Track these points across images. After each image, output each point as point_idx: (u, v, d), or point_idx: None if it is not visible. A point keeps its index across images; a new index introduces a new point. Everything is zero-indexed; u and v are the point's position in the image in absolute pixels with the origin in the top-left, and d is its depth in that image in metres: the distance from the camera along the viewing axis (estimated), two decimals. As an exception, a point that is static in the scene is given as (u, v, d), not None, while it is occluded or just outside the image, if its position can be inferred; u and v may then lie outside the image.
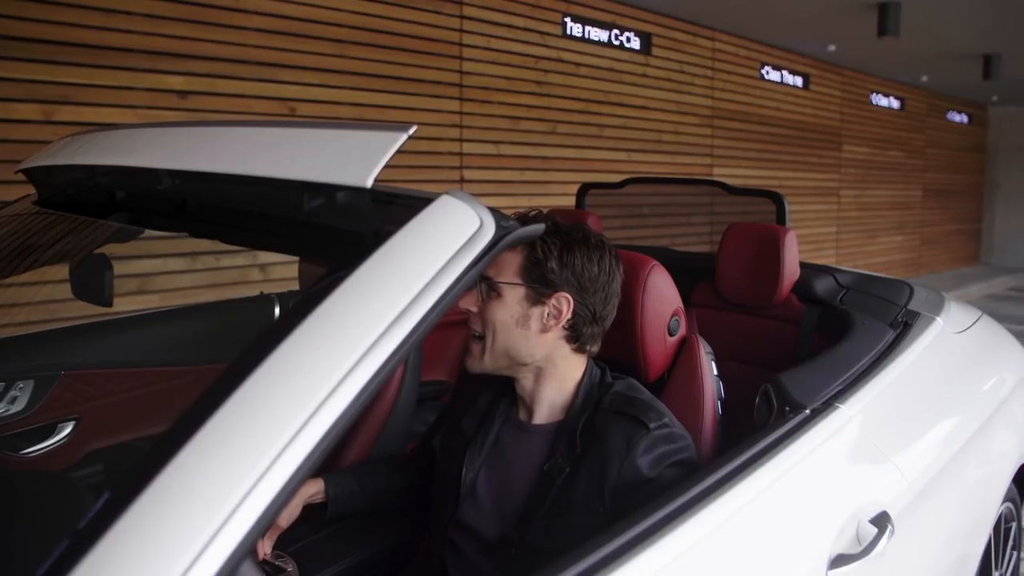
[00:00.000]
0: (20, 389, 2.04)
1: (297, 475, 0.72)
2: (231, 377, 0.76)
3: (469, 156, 5.92)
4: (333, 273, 0.89)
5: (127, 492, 0.67)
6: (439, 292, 0.92)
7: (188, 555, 0.65)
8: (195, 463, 0.70)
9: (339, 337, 0.83)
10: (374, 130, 1.09)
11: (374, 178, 0.99)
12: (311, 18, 4.91)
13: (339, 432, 0.75)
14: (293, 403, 0.76)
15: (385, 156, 1.01)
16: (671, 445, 1.41)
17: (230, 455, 0.71)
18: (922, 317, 2.18)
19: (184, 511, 0.68)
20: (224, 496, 0.70)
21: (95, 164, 1.35)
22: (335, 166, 1.03)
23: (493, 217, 1.09)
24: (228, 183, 1.11)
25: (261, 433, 0.72)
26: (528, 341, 1.47)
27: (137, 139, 1.44)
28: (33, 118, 3.90)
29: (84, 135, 1.52)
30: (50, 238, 1.48)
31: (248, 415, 0.74)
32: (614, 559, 0.98)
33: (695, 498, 1.15)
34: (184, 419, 0.73)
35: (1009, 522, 2.35)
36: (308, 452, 0.73)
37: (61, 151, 1.51)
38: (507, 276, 1.44)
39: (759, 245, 2.33)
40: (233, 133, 1.33)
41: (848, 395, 1.59)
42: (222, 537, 0.67)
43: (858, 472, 1.49)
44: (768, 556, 1.23)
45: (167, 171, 1.18)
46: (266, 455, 0.71)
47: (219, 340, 2.36)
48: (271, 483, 0.71)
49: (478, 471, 1.52)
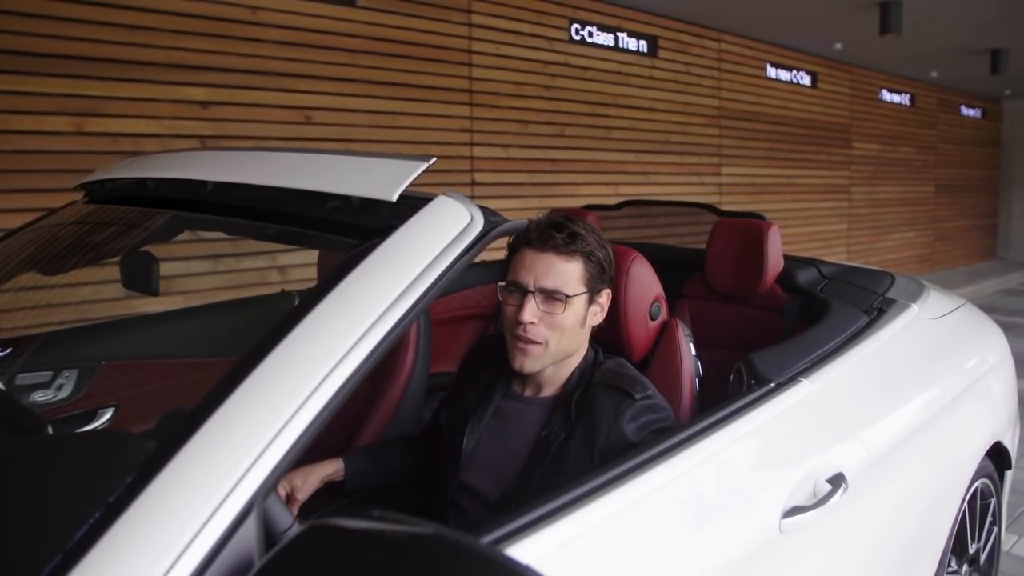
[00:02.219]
0: (66, 377, 2.22)
1: (325, 411, 0.91)
2: (267, 341, 0.95)
3: (479, 159, 6.10)
4: (354, 257, 1.10)
5: (184, 432, 0.87)
6: (438, 272, 1.12)
7: (232, 478, 0.84)
8: (246, 401, 0.90)
9: (359, 303, 1.03)
10: (401, 159, 1.32)
11: (398, 195, 1.22)
12: (325, 29, 5.11)
13: (359, 380, 0.94)
14: (319, 358, 0.95)
15: (408, 179, 1.23)
16: (654, 415, 1.60)
17: (269, 397, 0.91)
18: (898, 304, 2.34)
19: (226, 450, 0.87)
20: (262, 432, 0.89)
21: (159, 177, 1.56)
22: (369, 184, 1.26)
23: (483, 214, 1.27)
24: (282, 194, 1.35)
25: (297, 377, 0.93)
26: (580, 337, 1.68)
27: (197, 160, 1.65)
28: (64, 130, 4.12)
29: (141, 157, 1.72)
30: (102, 238, 1.67)
31: (286, 365, 0.94)
32: (594, 493, 1.20)
33: (662, 452, 1.34)
34: (230, 373, 0.92)
35: (987, 498, 2.49)
36: (334, 392, 0.93)
37: (117, 170, 1.72)
38: (574, 287, 1.62)
39: (744, 240, 2.50)
40: (286, 157, 1.57)
41: (813, 371, 1.76)
42: (255, 470, 0.86)
43: (818, 438, 1.65)
44: (726, 503, 1.41)
45: (228, 184, 1.41)
46: (301, 392, 0.91)
47: (244, 334, 2.54)
48: (305, 415, 0.91)
49: (479, 438, 1.70)
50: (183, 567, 0.79)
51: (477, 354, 1.90)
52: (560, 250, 1.60)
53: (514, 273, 1.64)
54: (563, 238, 1.61)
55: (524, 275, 1.61)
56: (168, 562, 0.78)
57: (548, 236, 1.61)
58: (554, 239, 1.60)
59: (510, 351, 1.65)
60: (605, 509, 1.19)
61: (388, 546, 0.76)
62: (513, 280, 1.63)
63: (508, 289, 1.65)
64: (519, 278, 1.62)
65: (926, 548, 2.05)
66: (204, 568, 0.80)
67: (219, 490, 0.83)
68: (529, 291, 1.60)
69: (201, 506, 0.82)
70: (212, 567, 0.80)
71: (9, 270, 1.82)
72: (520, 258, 1.64)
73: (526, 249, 1.63)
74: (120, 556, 0.78)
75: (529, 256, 1.62)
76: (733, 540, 1.38)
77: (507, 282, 1.65)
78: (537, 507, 1.13)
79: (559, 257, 1.61)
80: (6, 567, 0.80)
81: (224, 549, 0.81)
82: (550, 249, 1.61)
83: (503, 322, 1.68)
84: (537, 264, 1.61)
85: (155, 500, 0.82)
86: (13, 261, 1.84)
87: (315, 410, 0.90)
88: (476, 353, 1.92)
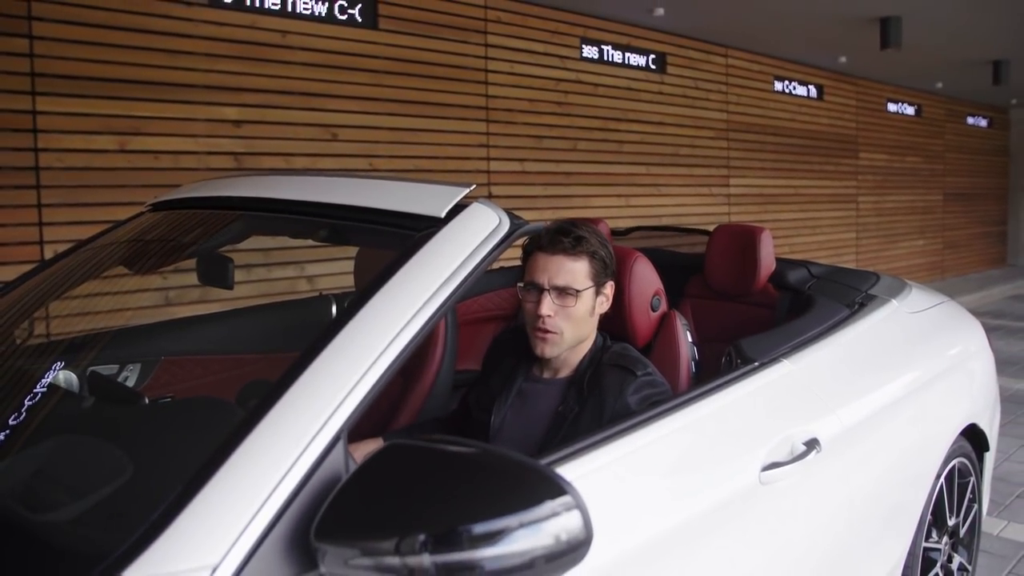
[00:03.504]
0: (130, 371, 2.48)
1: (392, 366, 1.18)
2: (349, 311, 1.23)
3: (496, 173, 6.37)
4: (408, 250, 1.38)
5: (287, 381, 1.14)
6: (473, 264, 1.39)
7: (326, 413, 1.12)
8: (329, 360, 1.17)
9: (418, 284, 1.31)
10: (445, 184, 1.61)
11: (446, 211, 1.50)
12: (349, 51, 5.41)
13: (419, 342, 1.22)
14: (388, 325, 1.22)
15: (453, 200, 1.51)
16: (653, 389, 1.87)
17: (353, 353, 1.19)
18: (878, 299, 2.59)
19: (322, 393, 1.14)
20: (337, 389, 1.16)
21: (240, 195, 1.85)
22: (421, 203, 1.54)
23: (509, 218, 1.55)
24: (348, 210, 1.64)
25: (371, 340, 1.21)
26: (590, 324, 1.95)
27: (272, 182, 1.95)
28: (110, 148, 4.42)
29: (209, 182, 2.01)
30: (179, 242, 1.95)
31: (365, 330, 1.22)
32: (597, 444, 1.47)
33: (656, 414, 1.61)
34: (318, 338, 1.19)
35: (965, 477, 2.72)
36: (400, 351, 1.20)
37: (185, 191, 2.01)
38: (582, 282, 1.89)
39: (740, 244, 2.77)
40: (352, 182, 1.87)
41: (794, 354, 2.03)
42: (343, 407, 1.13)
43: (795, 408, 1.91)
44: (712, 457, 1.68)
45: (301, 201, 1.71)
46: (374, 351, 1.19)
47: (286, 333, 2.80)
48: (368, 381, 1.17)
49: (504, 416, 1.96)
50: (292, 478, 1.06)
51: (501, 344, 2.17)
52: (568, 252, 1.88)
53: (530, 274, 1.91)
54: (570, 241, 1.88)
55: (539, 275, 1.89)
56: (280, 473, 1.06)
57: (557, 241, 1.88)
58: (562, 243, 1.88)
59: (532, 340, 1.92)
60: (606, 456, 1.46)
61: (447, 458, 1.03)
62: (530, 280, 1.91)
63: (526, 288, 1.92)
64: (535, 278, 1.89)
65: (902, 514, 2.29)
66: (308, 478, 1.07)
67: (317, 421, 1.10)
68: (544, 289, 1.87)
69: (304, 432, 1.09)
70: (313, 478, 1.07)
71: (83, 274, 2.09)
72: (534, 261, 1.91)
73: (539, 253, 1.91)
74: (250, 465, 1.06)
75: (542, 259, 1.89)
76: (718, 487, 1.65)
77: (525, 283, 1.93)
78: (549, 454, 1.40)
79: (567, 258, 1.88)
80: (157, 477, 1.07)
81: (321, 465, 1.08)
82: (559, 252, 1.88)
83: (524, 316, 1.95)
84: (549, 265, 1.88)
85: (271, 428, 1.09)
86: (87, 266, 2.11)
87: (384, 365, 1.17)
88: (500, 343, 2.18)
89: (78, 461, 1.37)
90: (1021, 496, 4.15)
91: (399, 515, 1.00)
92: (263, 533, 1.02)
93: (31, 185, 4.19)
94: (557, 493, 1.01)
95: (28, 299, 1.98)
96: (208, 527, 1.01)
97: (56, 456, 1.40)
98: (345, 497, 1.04)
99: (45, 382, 1.65)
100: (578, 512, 1.01)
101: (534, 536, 0.98)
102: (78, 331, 2.40)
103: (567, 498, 1.01)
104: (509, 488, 1.01)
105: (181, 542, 0.99)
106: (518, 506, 0.99)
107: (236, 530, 1.01)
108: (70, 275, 2.04)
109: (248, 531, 1.01)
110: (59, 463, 1.39)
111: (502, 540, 0.97)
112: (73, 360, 1.94)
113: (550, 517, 0.99)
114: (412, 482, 1.02)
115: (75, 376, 1.92)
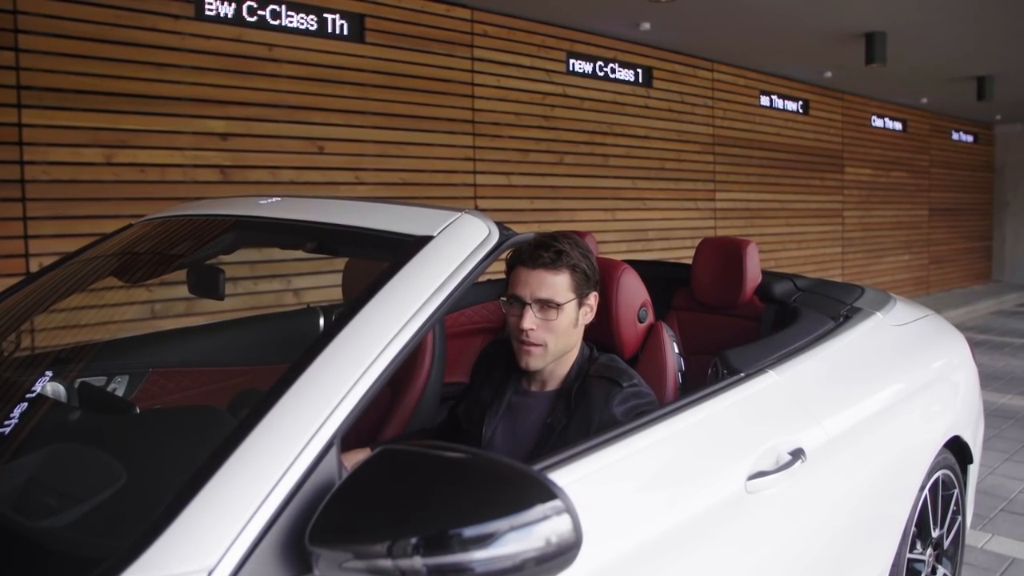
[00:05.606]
0: (118, 382, 2.48)
1: (376, 384, 1.19)
2: (342, 319, 1.24)
3: (482, 187, 6.39)
4: (398, 262, 1.39)
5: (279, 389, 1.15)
6: (463, 274, 1.41)
7: (319, 420, 1.13)
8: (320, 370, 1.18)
9: (410, 292, 1.32)
10: (438, 208, 1.64)
11: (439, 231, 1.51)
12: (336, 65, 5.43)
13: (411, 349, 1.23)
14: (382, 332, 1.24)
15: (447, 222, 1.53)
16: (639, 400, 1.88)
17: (334, 371, 1.19)
18: (863, 312, 2.62)
19: (316, 401, 1.15)
20: (328, 399, 1.17)
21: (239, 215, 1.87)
22: (419, 226, 1.56)
23: (498, 228, 1.57)
24: (344, 231, 1.68)
25: (365, 347, 1.22)
26: (575, 335, 1.96)
27: (266, 204, 1.97)
28: (96, 161, 4.42)
29: (204, 202, 2.03)
30: (172, 251, 1.96)
31: (357, 338, 1.23)
32: (582, 454, 1.48)
33: (642, 424, 1.63)
34: (312, 346, 1.20)
35: (949, 489, 2.74)
36: (392, 358, 1.21)
37: (177, 210, 2.03)
38: (564, 295, 1.90)
39: (726, 256, 2.79)
40: (355, 205, 1.91)
41: (779, 365, 2.05)
42: (335, 414, 1.14)
43: (781, 418, 1.93)
44: (698, 466, 1.69)
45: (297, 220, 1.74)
46: (367, 359, 1.20)
47: (274, 345, 2.81)
48: (361, 388, 1.18)
49: (495, 428, 1.97)
50: (286, 483, 1.07)
51: (488, 356, 2.18)
52: (548, 266, 1.89)
53: (512, 288, 1.93)
54: (550, 256, 1.89)
55: (521, 289, 1.90)
56: (275, 478, 1.07)
57: (537, 256, 1.90)
58: (542, 258, 1.89)
59: (517, 353, 1.93)
60: (592, 465, 1.47)
61: (439, 463, 1.05)
62: (512, 294, 1.92)
63: (509, 302, 1.94)
64: (517, 292, 1.91)
65: (886, 524, 2.31)
66: (302, 483, 1.08)
67: (311, 427, 1.11)
68: (527, 303, 1.88)
69: (298, 438, 1.10)
70: (307, 483, 1.09)
71: (69, 287, 2.09)
72: (516, 275, 1.93)
73: (520, 267, 1.92)
74: (245, 470, 1.07)
75: (523, 273, 1.91)
76: (705, 495, 1.66)
77: (507, 296, 1.94)
78: (536, 463, 1.42)
79: (548, 272, 1.89)
80: (152, 483, 1.07)
81: (315, 471, 1.09)
82: (540, 266, 1.89)
83: (509, 329, 1.96)
84: (531, 279, 1.89)
85: (266, 434, 1.10)
86: (74, 279, 2.11)
87: (378, 372, 1.19)
88: (487, 355, 2.19)
89: (72, 468, 1.38)
90: (1005, 509, 4.17)
91: (391, 519, 1.01)
92: (258, 537, 1.04)
93: (17, 198, 4.18)
94: (547, 497, 1.03)
95: (14, 312, 1.98)
96: (204, 531, 1.02)
97: (50, 463, 1.41)
98: (338, 501, 1.05)
99: (33, 393, 1.65)
100: (568, 516, 1.03)
101: (524, 539, 1.00)
102: (65, 343, 2.40)
103: (557, 502, 1.03)
104: (500, 492, 1.02)
105: (177, 546, 1.01)
106: (509, 509, 1.01)
107: (232, 534, 1.02)
108: (56, 288, 2.05)
109: (243, 535, 1.03)
110: (53, 470, 1.40)
111: (493, 543, 0.98)
112: (61, 372, 1.94)
113: (540, 520, 1.01)
114: (404, 486, 1.04)
115: (63, 387, 1.92)
